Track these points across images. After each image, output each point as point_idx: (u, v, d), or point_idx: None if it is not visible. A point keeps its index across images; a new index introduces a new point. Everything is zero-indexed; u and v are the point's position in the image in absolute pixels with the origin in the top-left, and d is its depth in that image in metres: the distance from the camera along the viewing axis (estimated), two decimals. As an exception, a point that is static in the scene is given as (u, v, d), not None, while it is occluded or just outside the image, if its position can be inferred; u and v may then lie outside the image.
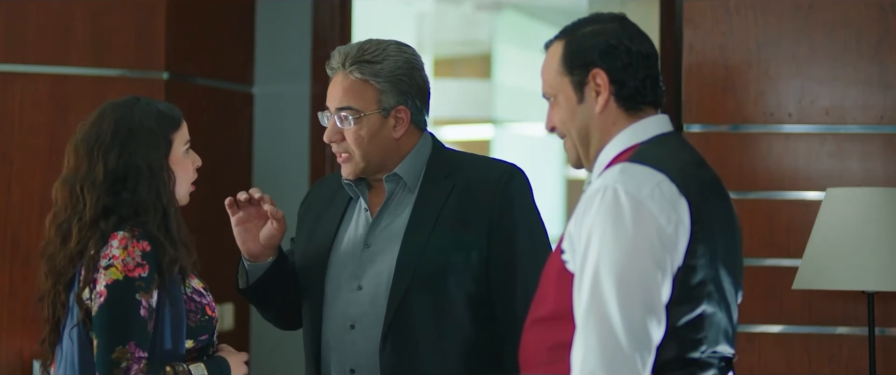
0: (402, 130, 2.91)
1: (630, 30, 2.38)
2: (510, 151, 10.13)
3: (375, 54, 2.88)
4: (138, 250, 2.63)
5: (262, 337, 4.98)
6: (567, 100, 2.39)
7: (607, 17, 2.40)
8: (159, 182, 2.70)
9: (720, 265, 2.28)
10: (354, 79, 2.88)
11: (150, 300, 2.62)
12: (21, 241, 4.35)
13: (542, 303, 2.35)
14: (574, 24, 2.42)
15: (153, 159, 2.70)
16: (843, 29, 4.05)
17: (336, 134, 2.91)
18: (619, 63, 2.34)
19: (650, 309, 2.18)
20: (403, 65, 2.90)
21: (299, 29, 5.04)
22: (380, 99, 2.88)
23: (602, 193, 2.23)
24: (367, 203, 2.96)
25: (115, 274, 2.61)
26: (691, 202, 2.23)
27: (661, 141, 2.34)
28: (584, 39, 2.36)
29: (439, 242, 2.85)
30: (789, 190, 4.07)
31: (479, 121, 9.93)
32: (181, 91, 4.52)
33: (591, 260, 2.20)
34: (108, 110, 2.74)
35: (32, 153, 4.38)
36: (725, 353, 2.30)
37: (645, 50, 2.36)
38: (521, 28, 10.29)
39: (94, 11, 4.42)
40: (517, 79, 10.30)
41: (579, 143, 2.40)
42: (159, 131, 2.72)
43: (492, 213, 2.86)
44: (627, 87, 2.34)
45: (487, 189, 2.87)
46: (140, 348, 2.59)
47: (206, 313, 2.74)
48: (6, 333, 4.34)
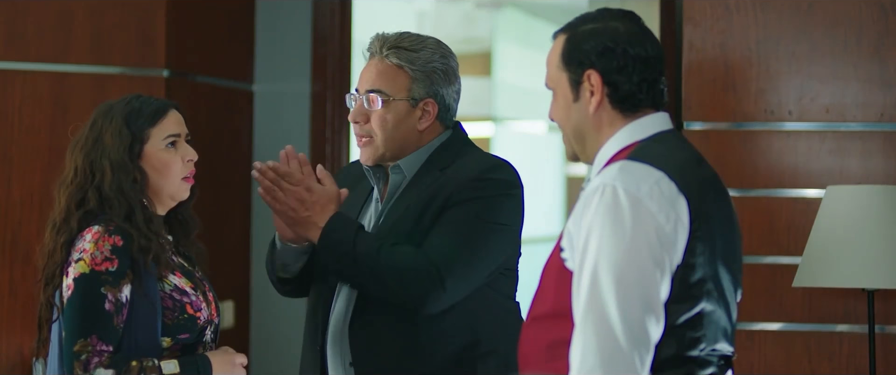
0: (426, 123, 2.94)
1: (631, 30, 2.36)
2: (510, 149, 10.13)
3: (414, 43, 2.93)
4: (109, 244, 2.65)
5: (262, 336, 4.99)
6: (564, 97, 2.39)
7: (611, 15, 2.38)
8: (123, 177, 2.71)
9: (719, 263, 2.28)
10: (389, 64, 2.91)
11: (118, 294, 2.63)
12: (21, 239, 4.35)
13: (541, 301, 2.35)
14: (578, 18, 2.41)
15: (116, 155, 2.71)
16: (843, 27, 4.05)
17: (361, 115, 2.93)
18: (613, 65, 2.33)
19: (649, 307, 2.18)
20: (439, 59, 2.94)
21: (299, 27, 5.04)
22: (411, 87, 2.91)
23: (601, 191, 2.23)
24: (379, 193, 2.98)
25: (83, 268, 2.64)
26: (690, 200, 2.23)
27: (660, 138, 2.34)
28: (583, 38, 2.36)
29: (397, 227, 2.86)
30: (789, 187, 4.07)
31: (480, 119, 9.92)
32: (181, 89, 4.52)
33: (589, 258, 2.20)
34: (95, 112, 2.79)
35: (32, 151, 4.38)
36: (724, 351, 2.30)
37: (644, 53, 2.34)
38: (521, 26, 10.28)
39: (95, 9, 4.42)
40: (517, 76, 10.29)
41: (574, 140, 2.40)
42: (127, 127, 2.73)
43: (452, 193, 2.86)
44: (621, 90, 2.33)
45: (460, 177, 2.88)
46: (102, 341, 2.61)
47: (187, 311, 2.72)
48: (6, 331, 4.34)
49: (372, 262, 2.79)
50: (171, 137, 2.77)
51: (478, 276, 2.86)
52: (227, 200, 4.84)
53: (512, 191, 2.91)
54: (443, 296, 2.80)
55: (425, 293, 2.79)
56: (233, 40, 4.98)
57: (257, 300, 4.98)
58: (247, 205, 4.97)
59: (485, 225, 2.85)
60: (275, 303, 4.71)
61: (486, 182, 2.87)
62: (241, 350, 5.00)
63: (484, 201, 2.85)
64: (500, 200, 2.88)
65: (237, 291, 4.92)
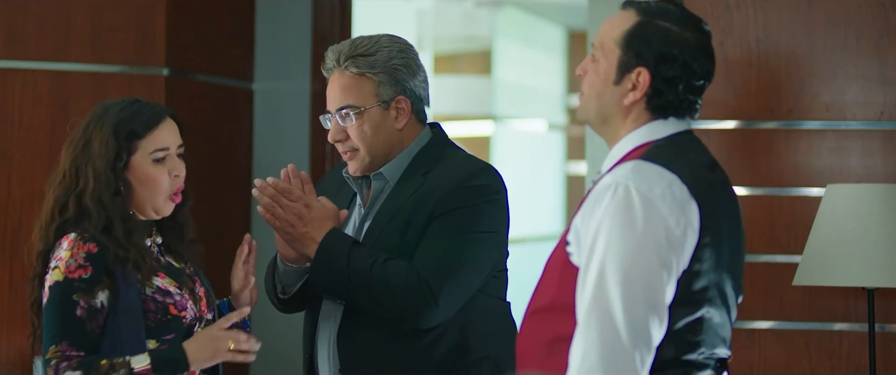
0: (404, 121, 2.91)
1: (699, 45, 2.33)
2: (510, 148, 10.13)
3: (368, 47, 2.89)
4: (83, 252, 2.65)
5: (261, 337, 4.98)
6: (606, 71, 2.35)
7: (689, 23, 2.34)
8: (103, 189, 2.68)
9: (724, 270, 2.27)
10: (351, 75, 2.88)
11: (92, 300, 2.63)
12: (21, 238, 4.35)
13: (542, 293, 2.34)
14: (659, 7, 2.35)
15: (100, 166, 2.69)
16: (842, 25, 4.05)
17: (340, 133, 2.91)
18: (669, 74, 2.30)
19: (653, 308, 2.17)
20: (397, 54, 2.90)
21: (299, 25, 5.04)
22: (378, 91, 2.88)
23: (613, 190, 2.22)
24: (362, 200, 2.96)
25: (57, 276, 2.65)
26: (701, 205, 2.23)
27: (675, 140, 2.33)
28: (654, 33, 2.31)
29: (385, 240, 2.85)
30: (790, 186, 4.07)
31: (479, 118, 9.92)
32: (181, 87, 4.52)
33: (597, 255, 2.20)
34: (91, 113, 2.76)
35: (32, 149, 4.38)
36: (722, 355, 2.31)
37: (700, 70, 2.32)
38: (521, 24, 10.28)
39: (95, 7, 4.42)
40: (517, 75, 10.29)
41: (595, 115, 2.38)
42: (114, 137, 2.69)
43: (437, 204, 2.84)
44: (662, 98, 2.32)
45: (442, 186, 2.86)
46: (73, 347, 2.61)
47: (170, 312, 2.71)
48: (6, 330, 4.35)
49: (365, 279, 2.79)
50: (160, 151, 2.72)
51: (469, 288, 2.86)
52: (227, 199, 4.84)
53: (495, 197, 2.89)
54: (436, 313, 2.80)
55: (418, 311, 2.79)
56: (233, 39, 4.98)
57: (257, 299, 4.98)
58: (247, 205, 4.96)
59: (472, 236, 2.84)
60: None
61: (469, 190, 2.85)
62: (241, 348, 5.00)
63: (469, 210, 2.83)
64: (484, 207, 2.86)
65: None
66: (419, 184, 2.87)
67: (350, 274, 2.79)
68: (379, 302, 2.80)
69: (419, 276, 2.78)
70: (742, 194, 4.05)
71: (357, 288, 2.80)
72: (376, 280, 2.78)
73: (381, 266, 2.79)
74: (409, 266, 2.79)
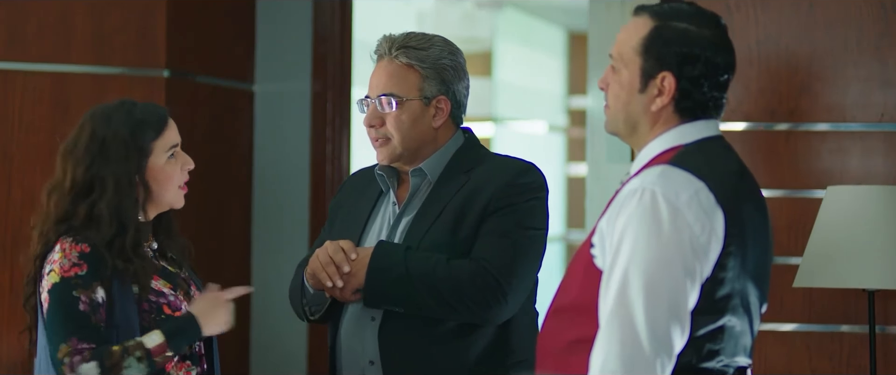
0: (440, 121, 2.94)
1: (718, 40, 2.31)
2: (511, 149, 10.12)
3: (422, 42, 2.93)
4: (76, 252, 2.65)
5: (263, 335, 4.98)
6: (630, 82, 2.33)
7: (704, 18, 2.32)
8: (123, 196, 2.69)
9: (748, 278, 2.26)
10: (399, 65, 2.91)
11: (92, 295, 2.63)
12: (21, 239, 4.34)
13: (564, 292, 2.33)
14: (671, 9, 2.33)
15: (122, 172, 2.69)
16: (843, 27, 4.04)
17: (376, 118, 2.93)
18: (692, 73, 2.29)
19: (676, 315, 2.16)
20: (448, 56, 2.95)
21: (300, 26, 5.04)
22: (422, 86, 2.91)
23: (639, 194, 2.21)
24: (395, 196, 2.97)
25: (54, 278, 2.66)
26: (727, 213, 2.21)
27: (704, 146, 2.31)
28: (673, 36, 2.29)
29: (437, 234, 2.86)
30: (790, 187, 4.07)
31: (480, 119, 9.91)
32: (181, 89, 4.52)
33: (621, 260, 2.19)
34: (89, 118, 2.75)
35: (32, 151, 4.38)
36: (741, 363, 2.30)
37: (723, 64, 2.30)
38: (521, 26, 10.28)
39: (95, 9, 4.42)
40: (518, 76, 10.29)
41: (623, 126, 2.36)
42: (133, 142, 2.71)
43: (490, 200, 2.86)
44: (690, 99, 2.30)
45: (494, 181, 2.88)
46: (83, 341, 2.61)
47: (164, 312, 2.71)
48: (7, 329, 4.35)
49: (430, 281, 2.79)
50: (173, 148, 2.76)
51: (530, 283, 2.89)
52: (228, 200, 4.84)
53: (543, 195, 2.93)
54: (505, 308, 2.82)
55: (488, 306, 2.80)
56: (233, 40, 4.98)
57: (257, 300, 4.98)
58: (247, 205, 4.97)
59: (528, 233, 2.86)
60: (275, 303, 4.70)
61: (521, 187, 2.88)
62: (242, 350, 5.02)
63: (522, 208, 2.86)
64: (535, 204, 2.90)
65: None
66: (463, 182, 2.89)
67: (412, 278, 2.79)
68: (447, 302, 2.80)
69: (487, 272, 2.79)
70: (742, 196, 4.05)
71: (422, 293, 2.80)
72: (443, 280, 2.79)
73: (444, 266, 2.80)
74: (474, 263, 2.81)
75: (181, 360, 2.73)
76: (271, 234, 5.00)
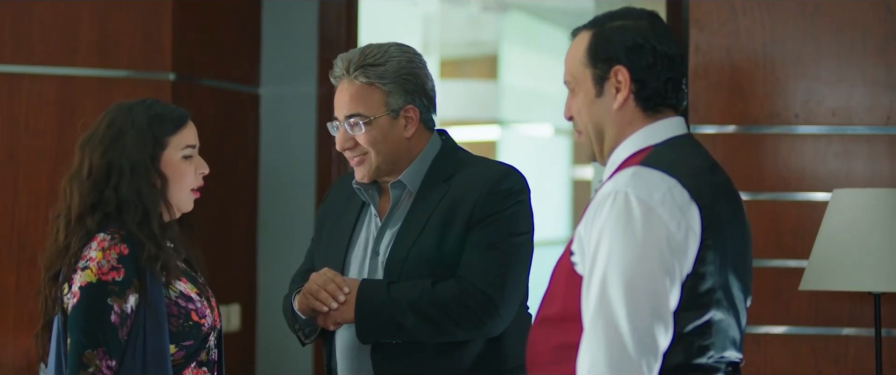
0: (412, 129, 2.91)
1: (659, 29, 2.35)
2: (516, 152, 10.13)
3: (378, 57, 2.88)
4: (115, 253, 2.63)
5: (269, 339, 4.99)
6: (586, 93, 2.37)
7: (638, 14, 2.37)
8: (141, 180, 2.69)
9: (730, 271, 2.27)
10: (360, 84, 2.88)
11: (123, 305, 2.61)
12: (28, 242, 4.36)
13: (549, 303, 2.34)
14: (604, 15, 2.39)
15: (137, 158, 2.69)
16: (849, 29, 4.04)
17: (348, 141, 2.91)
18: (643, 62, 2.32)
19: (658, 315, 2.17)
20: (407, 64, 2.90)
21: (305, 29, 5.04)
22: (387, 101, 2.88)
23: (613, 197, 2.22)
24: (376, 209, 2.96)
25: (89, 277, 2.62)
26: (702, 208, 2.22)
27: (674, 144, 2.33)
28: (612, 34, 2.34)
29: (423, 247, 2.85)
30: (796, 191, 4.06)
31: (486, 122, 9.92)
32: (187, 92, 4.53)
33: (599, 264, 2.20)
34: (110, 110, 2.76)
35: (39, 154, 4.38)
36: (732, 358, 2.30)
37: (671, 51, 2.34)
38: (527, 29, 10.29)
39: (101, 12, 4.43)
40: (523, 80, 10.29)
41: (594, 138, 2.38)
42: (150, 131, 2.71)
43: (473, 211, 2.85)
44: (648, 88, 2.32)
45: (475, 189, 2.86)
46: (108, 355, 2.60)
47: (192, 318, 2.71)
48: (12, 333, 4.35)
49: (418, 310, 2.79)
50: (189, 148, 2.76)
51: (522, 292, 2.88)
52: (234, 203, 4.84)
53: (525, 198, 2.91)
54: (499, 320, 2.82)
55: (482, 322, 2.80)
56: (239, 43, 4.98)
57: (264, 303, 4.98)
58: (253, 208, 4.97)
59: (513, 240, 2.85)
60: (281, 306, 4.70)
61: (502, 194, 2.86)
62: (248, 353, 5.03)
63: (505, 215, 2.85)
64: (517, 209, 2.88)
65: (243, 294, 4.92)
66: (444, 192, 2.88)
67: (402, 313, 2.79)
68: (441, 327, 2.80)
69: (475, 288, 2.79)
70: (748, 199, 4.05)
71: (414, 325, 2.79)
72: (431, 306, 2.79)
73: (430, 292, 2.80)
74: (459, 281, 2.81)
75: (198, 367, 2.73)
76: (277, 237, 5.00)
